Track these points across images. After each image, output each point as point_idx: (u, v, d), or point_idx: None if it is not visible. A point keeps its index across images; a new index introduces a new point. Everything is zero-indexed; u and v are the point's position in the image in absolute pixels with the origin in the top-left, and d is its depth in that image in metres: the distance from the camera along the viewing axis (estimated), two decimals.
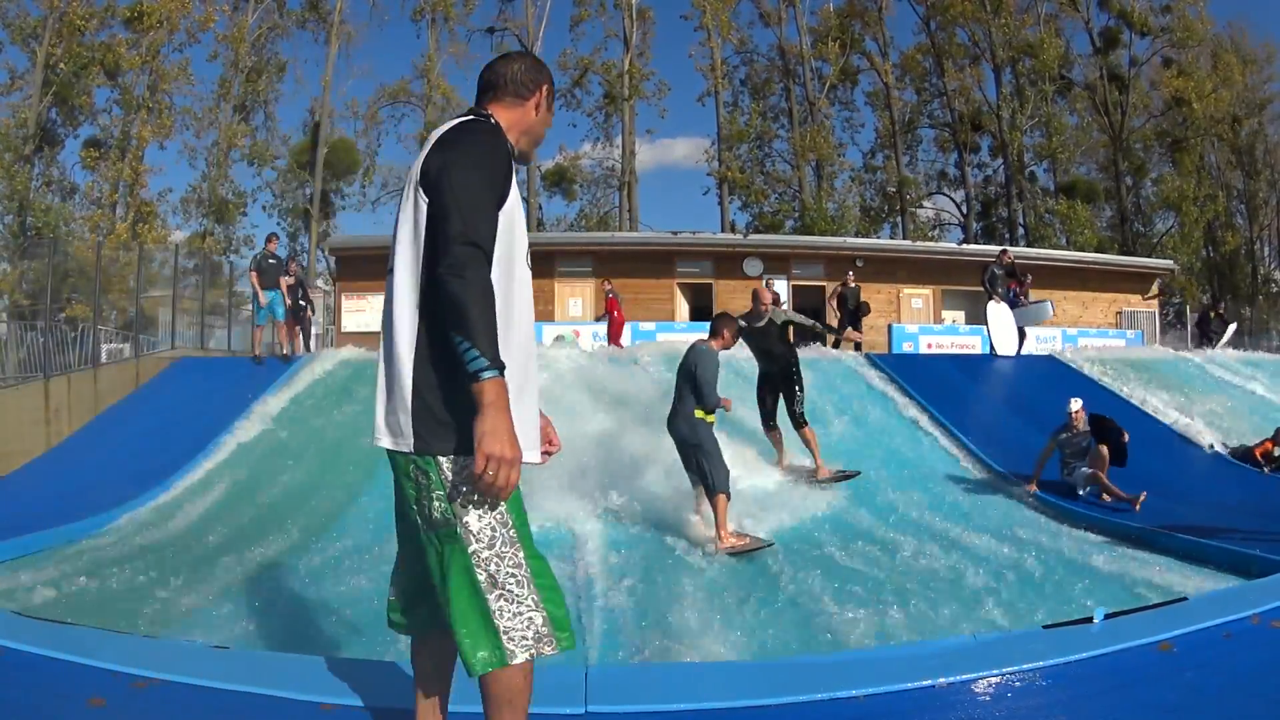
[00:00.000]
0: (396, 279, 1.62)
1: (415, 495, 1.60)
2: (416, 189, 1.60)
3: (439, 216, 1.53)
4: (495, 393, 1.46)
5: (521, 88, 1.81)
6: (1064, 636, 2.57)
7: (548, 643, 1.55)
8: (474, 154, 1.59)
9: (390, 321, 1.62)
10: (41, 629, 2.80)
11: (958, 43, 31.90)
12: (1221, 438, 8.53)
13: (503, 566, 1.55)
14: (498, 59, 1.86)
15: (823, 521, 6.16)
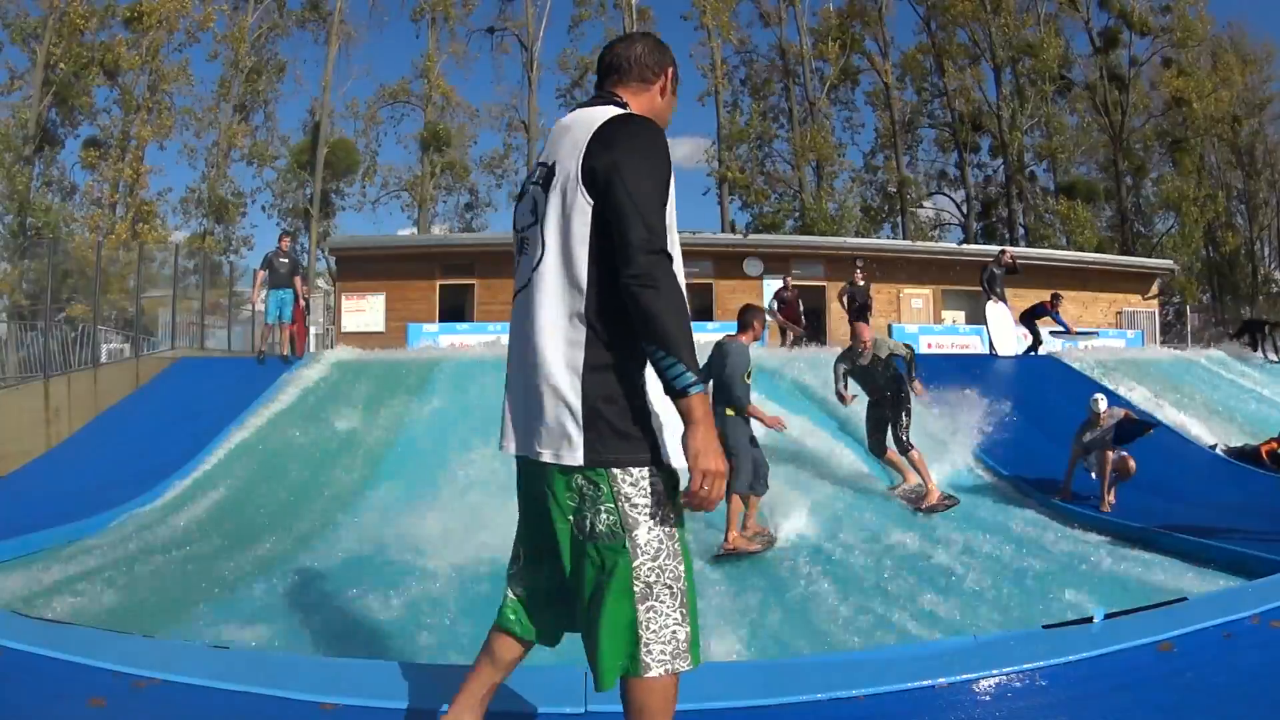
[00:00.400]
0: (548, 284, 1.55)
1: (576, 506, 1.54)
2: (578, 189, 1.52)
3: (618, 221, 1.47)
4: (703, 408, 1.44)
5: (647, 70, 1.74)
6: (1064, 636, 2.57)
7: (684, 659, 1.54)
8: (644, 152, 1.52)
9: (544, 328, 1.54)
10: (41, 629, 2.80)
11: (958, 43, 31.90)
12: (1222, 437, 8.54)
13: (661, 579, 1.52)
14: (618, 41, 1.79)
15: (822, 522, 6.16)
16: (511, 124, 31.58)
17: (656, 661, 1.51)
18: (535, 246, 1.59)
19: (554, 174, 1.58)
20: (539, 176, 1.64)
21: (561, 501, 1.56)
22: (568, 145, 1.58)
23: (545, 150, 1.67)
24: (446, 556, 5.26)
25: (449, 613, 4.15)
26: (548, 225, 1.57)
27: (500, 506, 6.60)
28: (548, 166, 1.61)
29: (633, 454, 1.51)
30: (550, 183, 1.58)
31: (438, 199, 31.57)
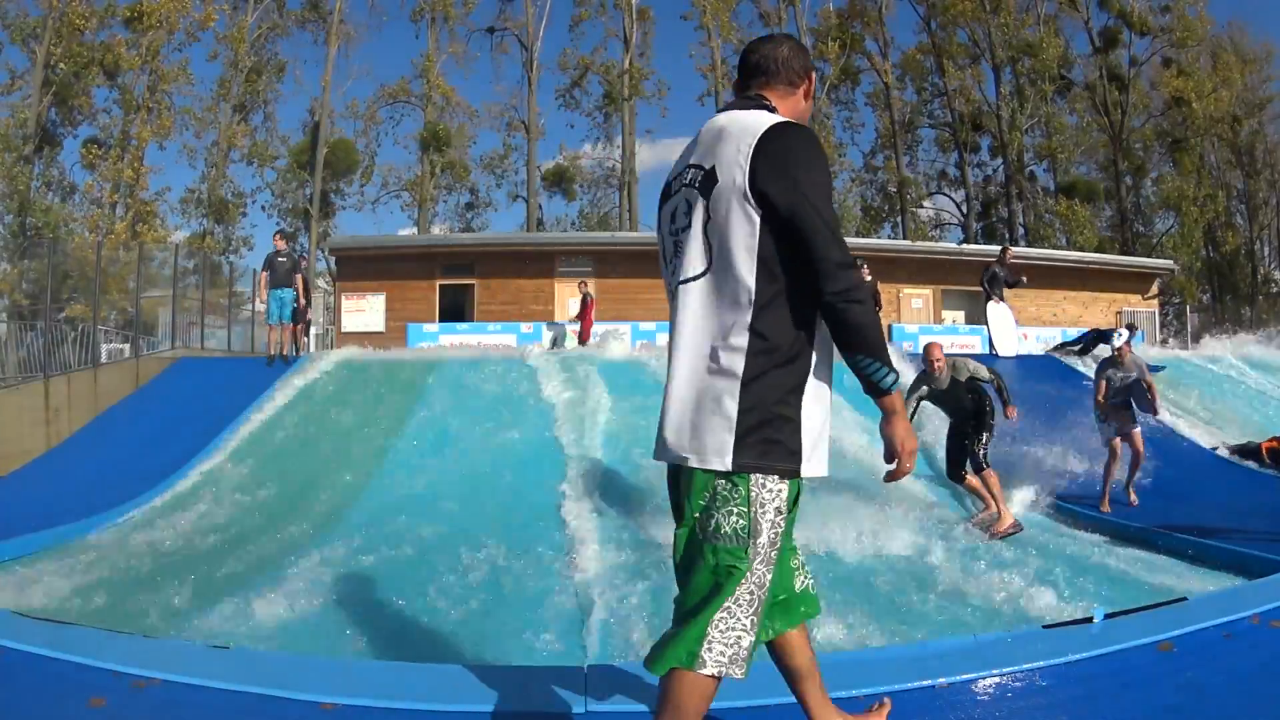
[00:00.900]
0: (710, 292, 1.57)
1: (705, 506, 1.56)
2: (745, 200, 1.53)
3: (810, 240, 1.50)
4: (901, 402, 1.62)
5: (793, 74, 1.75)
6: (1064, 636, 2.57)
7: (739, 666, 1.55)
8: (818, 167, 1.55)
9: (706, 334, 1.57)
10: (41, 629, 2.80)
11: (958, 42, 31.91)
12: (1223, 437, 8.54)
13: (749, 582, 1.55)
14: (762, 41, 1.79)
15: (822, 521, 6.15)
16: (511, 124, 31.60)
17: (714, 662, 1.53)
18: (692, 252, 1.60)
19: (713, 179, 1.57)
20: (693, 179, 1.62)
21: (694, 501, 1.57)
22: (727, 151, 1.57)
23: (696, 151, 1.66)
24: (446, 556, 5.26)
25: (449, 612, 4.15)
26: (714, 233, 1.57)
27: (501, 508, 6.63)
28: (704, 170, 1.60)
29: (776, 462, 1.55)
30: (709, 188, 1.58)
31: (438, 199, 31.60)
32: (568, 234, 28.35)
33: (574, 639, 3.82)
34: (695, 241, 1.60)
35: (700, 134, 1.69)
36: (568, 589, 4.60)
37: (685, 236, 1.62)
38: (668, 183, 1.75)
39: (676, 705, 1.54)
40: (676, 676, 1.54)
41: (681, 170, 1.68)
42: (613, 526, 6.02)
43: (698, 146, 1.67)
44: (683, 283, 1.61)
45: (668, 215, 1.71)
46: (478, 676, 2.55)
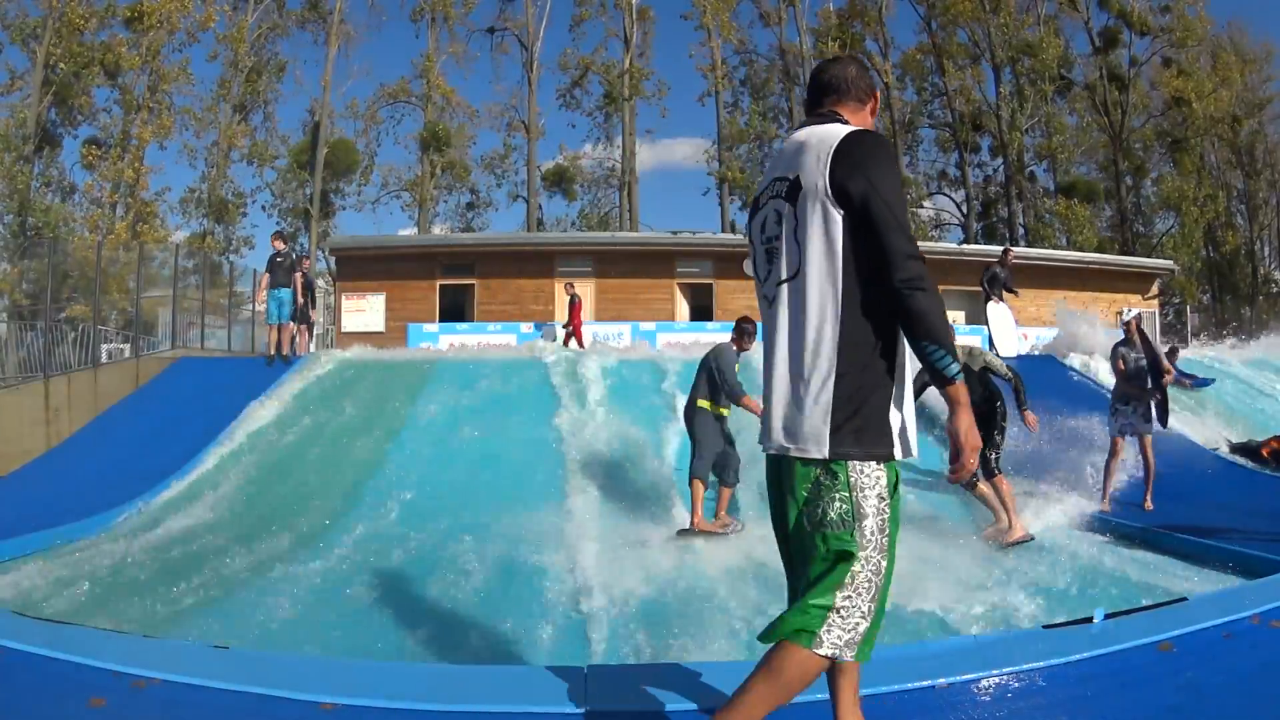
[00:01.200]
0: (807, 291, 1.67)
1: (808, 497, 1.66)
2: (830, 201, 1.65)
3: (880, 232, 1.62)
4: (966, 393, 1.65)
5: (862, 92, 1.89)
6: (1064, 636, 2.57)
7: (852, 650, 1.64)
8: (889, 166, 1.68)
9: (800, 331, 1.68)
10: (41, 629, 2.80)
11: (958, 42, 31.91)
12: (1226, 434, 8.56)
13: (866, 569, 1.63)
14: (831, 62, 1.94)
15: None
16: (511, 124, 31.60)
17: (830, 644, 1.62)
18: (788, 255, 1.73)
19: (799, 188, 1.70)
20: (781, 190, 1.75)
21: (797, 493, 1.68)
22: (810, 160, 1.70)
23: (781, 164, 1.80)
24: (446, 556, 5.27)
25: (449, 612, 4.15)
26: (803, 236, 1.69)
27: (502, 507, 6.63)
28: (790, 180, 1.73)
29: (872, 449, 1.65)
30: (797, 196, 1.71)
31: (438, 199, 31.59)
32: (568, 234, 28.36)
33: (574, 639, 3.82)
34: (789, 246, 1.72)
35: (782, 150, 1.83)
36: (568, 589, 4.60)
37: (778, 244, 1.75)
38: (755, 198, 1.88)
39: (776, 674, 1.64)
40: (785, 649, 1.64)
41: (767, 184, 1.82)
42: (613, 526, 6.02)
43: (780, 161, 1.81)
44: (778, 285, 1.74)
45: (758, 227, 1.84)
46: (478, 676, 2.56)
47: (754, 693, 1.66)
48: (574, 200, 33.20)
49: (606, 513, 6.37)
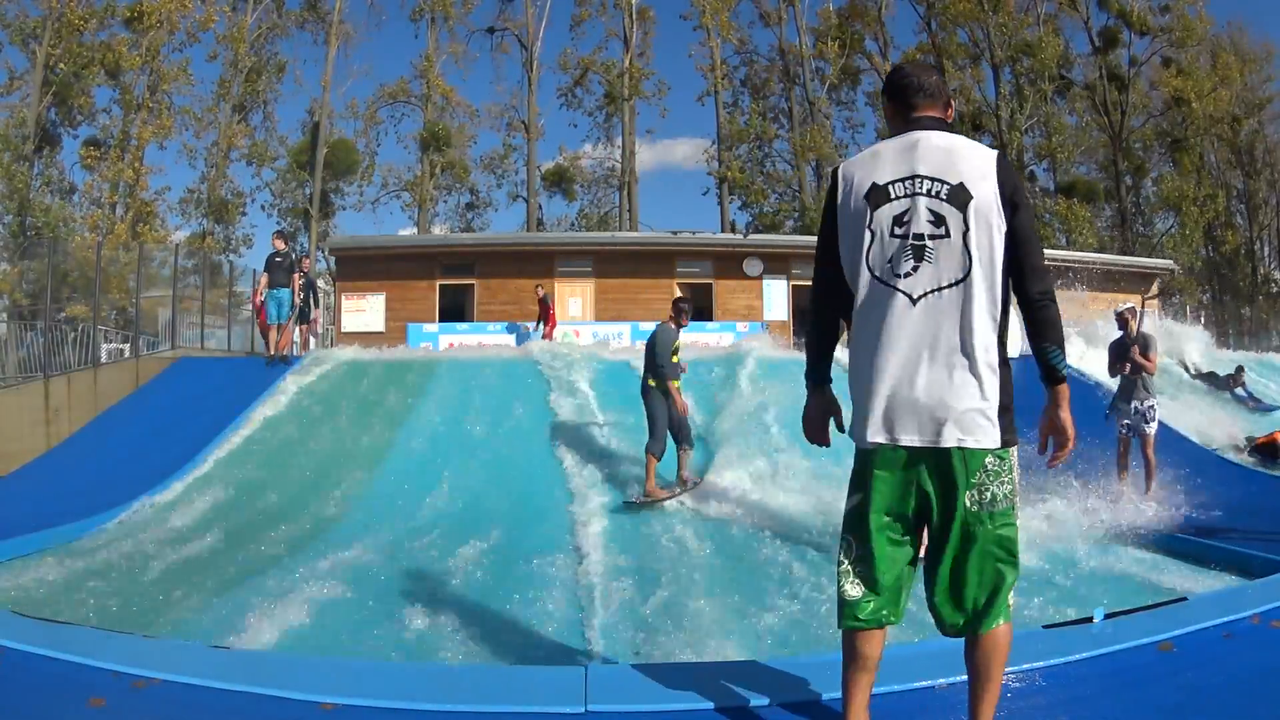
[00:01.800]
0: (974, 293, 1.78)
1: (979, 482, 1.80)
2: (996, 212, 1.79)
3: (1028, 247, 1.81)
4: (1068, 392, 1.87)
5: (947, 97, 2.00)
6: (1064, 636, 2.57)
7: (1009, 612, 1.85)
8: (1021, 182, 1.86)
9: (970, 332, 1.79)
10: (41, 629, 2.80)
11: (957, 42, 31.90)
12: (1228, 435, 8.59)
13: (1017, 540, 1.85)
14: (918, 67, 2.01)
15: (820, 521, 6.16)
16: (511, 124, 31.59)
17: (1009, 613, 1.85)
18: (951, 257, 1.80)
19: (969, 195, 1.80)
20: (938, 191, 1.81)
21: (960, 479, 1.80)
22: (970, 169, 1.81)
23: (921, 162, 1.84)
24: (446, 556, 5.27)
25: (449, 612, 4.15)
26: (972, 242, 1.79)
27: (502, 507, 6.63)
28: (950, 185, 1.81)
29: (1016, 436, 1.86)
30: (966, 204, 1.80)
31: (438, 199, 31.58)
32: (568, 234, 28.35)
33: (574, 639, 3.82)
34: (952, 248, 1.80)
35: (916, 148, 1.86)
36: (568, 589, 4.60)
37: (938, 244, 1.81)
38: (878, 185, 1.86)
39: (1004, 652, 1.84)
40: (1000, 632, 1.82)
41: (905, 177, 1.84)
42: (614, 525, 6.02)
43: (919, 159, 1.84)
44: (939, 289, 1.80)
45: (889, 219, 1.85)
46: (478, 676, 2.56)
47: (998, 679, 1.85)
48: (574, 200, 33.23)
49: (608, 512, 6.37)
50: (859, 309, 1.87)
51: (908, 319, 1.81)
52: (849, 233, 1.89)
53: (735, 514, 6.32)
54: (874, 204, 1.86)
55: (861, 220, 1.86)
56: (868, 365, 1.84)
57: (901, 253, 1.82)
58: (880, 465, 1.84)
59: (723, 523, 6.18)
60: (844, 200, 1.90)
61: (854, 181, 1.89)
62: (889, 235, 1.84)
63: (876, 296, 1.84)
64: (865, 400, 1.84)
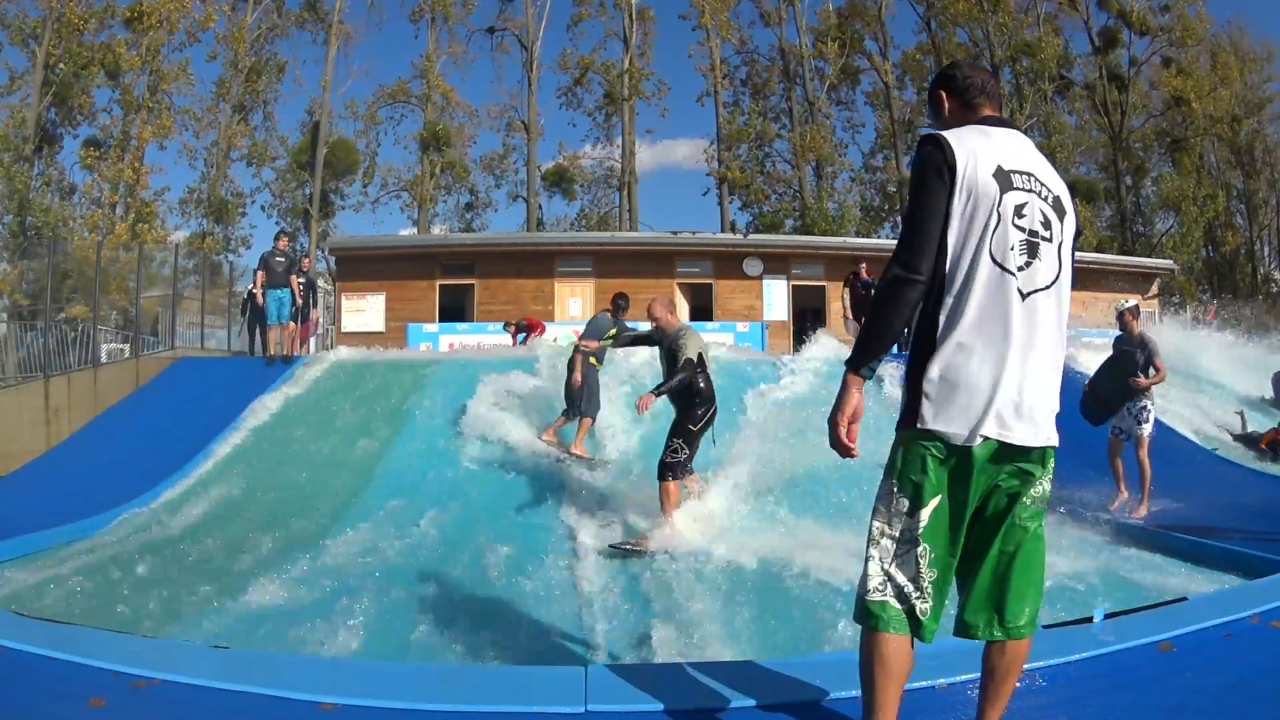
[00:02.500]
0: (1061, 296, 1.81)
1: (1035, 479, 1.79)
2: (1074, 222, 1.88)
3: (1072, 258, 1.86)
4: None
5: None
6: (1064, 636, 2.57)
7: None
8: None
9: (1059, 333, 1.81)
10: (41, 629, 2.80)
11: (957, 42, 31.88)
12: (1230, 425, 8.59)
13: None
14: (976, 67, 2.02)
15: (820, 522, 6.15)
16: (511, 124, 31.59)
17: None
18: (1051, 259, 1.80)
19: (1064, 207, 1.84)
20: (1045, 195, 1.81)
21: (1029, 478, 1.79)
22: (1058, 182, 1.85)
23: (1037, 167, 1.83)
24: (446, 556, 5.27)
25: (449, 613, 4.15)
26: (1064, 250, 1.82)
27: (502, 508, 6.62)
28: (1054, 194, 1.82)
29: None
30: (1064, 212, 1.84)
31: (437, 199, 31.58)
32: (568, 234, 28.34)
33: (574, 639, 3.82)
34: (1051, 253, 1.79)
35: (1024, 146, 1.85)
36: (568, 589, 4.60)
37: (1046, 246, 1.79)
38: (1003, 169, 1.77)
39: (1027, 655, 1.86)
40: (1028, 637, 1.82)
41: (1024, 170, 1.80)
42: (613, 525, 6.02)
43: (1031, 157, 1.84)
44: (1042, 289, 1.78)
45: (1012, 209, 1.76)
46: (478, 676, 2.56)
47: (1015, 682, 1.88)
48: (574, 200, 33.23)
49: (607, 512, 6.37)
50: (966, 295, 1.71)
51: (1019, 312, 1.73)
52: (969, 210, 1.73)
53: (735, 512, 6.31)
54: (1002, 187, 1.75)
55: (989, 200, 1.73)
56: (972, 355, 1.71)
57: (1020, 246, 1.75)
58: (962, 462, 1.73)
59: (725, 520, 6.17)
60: (968, 175, 1.72)
61: (978, 158, 1.74)
62: (1012, 224, 1.74)
63: (993, 284, 1.72)
64: (964, 391, 1.71)
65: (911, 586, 1.75)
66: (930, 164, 1.75)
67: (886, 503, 1.79)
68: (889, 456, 1.83)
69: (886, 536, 1.77)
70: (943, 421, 1.71)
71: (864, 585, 1.78)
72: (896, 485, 1.77)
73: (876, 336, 1.78)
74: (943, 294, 1.74)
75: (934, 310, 1.75)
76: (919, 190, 1.77)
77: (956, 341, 1.72)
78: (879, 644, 1.75)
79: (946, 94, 1.97)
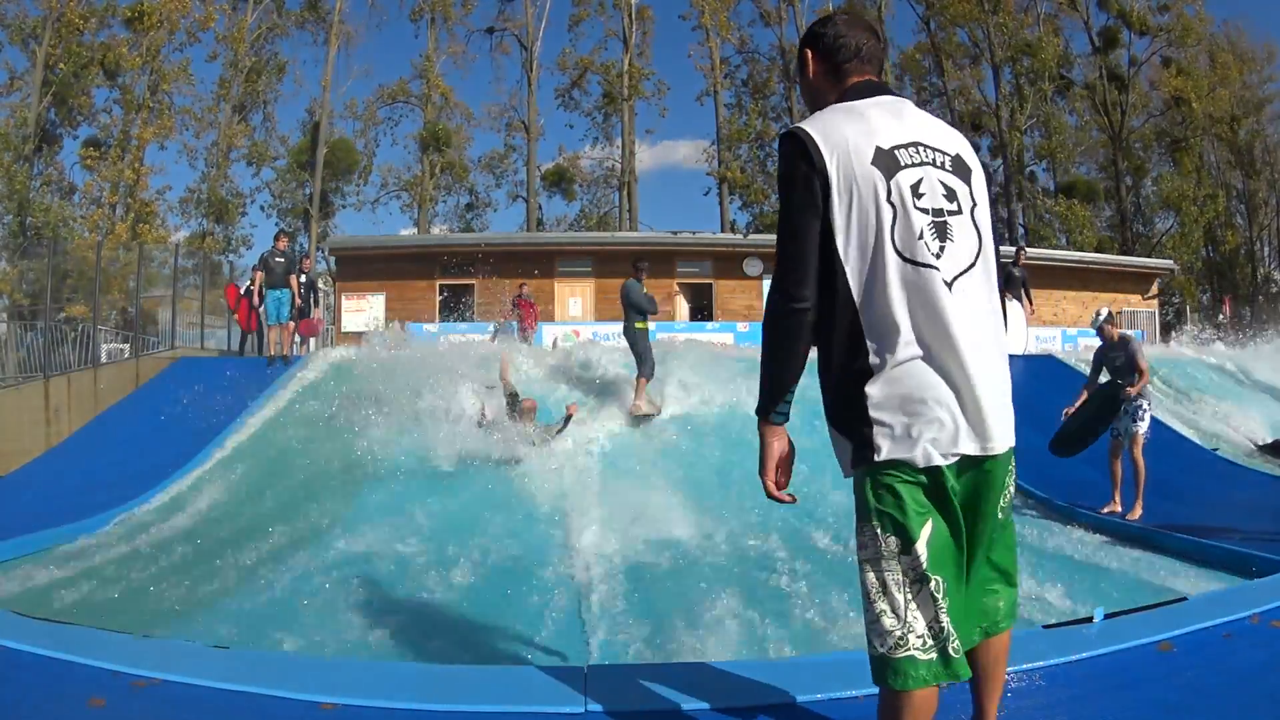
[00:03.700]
0: (988, 274, 1.60)
1: (1005, 485, 1.62)
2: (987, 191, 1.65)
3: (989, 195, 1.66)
4: None
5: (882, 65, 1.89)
6: (1064, 636, 2.57)
7: None
8: None
9: (995, 319, 1.59)
10: (41, 629, 2.80)
11: (957, 42, 31.91)
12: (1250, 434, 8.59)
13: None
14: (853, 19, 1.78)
15: (823, 520, 6.16)
16: (511, 124, 31.59)
17: None
18: (967, 232, 1.57)
19: (968, 168, 1.62)
20: (941, 161, 1.58)
21: (1006, 483, 1.62)
22: (956, 142, 1.63)
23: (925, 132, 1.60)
24: (446, 556, 5.27)
25: (449, 612, 4.15)
26: (980, 220, 1.60)
27: (502, 507, 6.62)
28: (948, 155, 1.60)
29: None
30: (970, 177, 1.61)
31: (437, 199, 31.58)
32: (568, 234, 28.35)
33: (574, 639, 3.82)
34: (965, 226, 1.57)
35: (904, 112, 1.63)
36: (568, 589, 4.60)
37: (956, 220, 1.56)
38: (882, 149, 1.55)
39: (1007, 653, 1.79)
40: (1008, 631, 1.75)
41: (908, 143, 1.57)
42: (613, 524, 6.02)
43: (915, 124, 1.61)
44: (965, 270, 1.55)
45: (907, 186, 1.53)
46: (478, 676, 2.56)
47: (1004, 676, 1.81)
48: (573, 200, 33.24)
49: (607, 513, 6.37)
50: (884, 303, 1.50)
51: (951, 305, 1.50)
52: (856, 207, 1.51)
53: (735, 513, 6.32)
54: (887, 171, 1.53)
55: (875, 192, 1.52)
56: (914, 366, 1.50)
57: (927, 229, 1.52)
58: (935, 480, 1.51)
59: (724, 521, 6.18)
60: (842, 171, 1.52)
61: (848, 146, 1.53)
62: (913, 208, 1.52)
63: (910, 283, 1.50)
64: (916, 408, 1.49)
65: (935, 628, 1.53)
66: (795, 172, 1.55)
67: (874, 548, 1.53)
68: (855, 499, 1.59)
69: (891, 584, 1.52)
70: (903, 448, 1.49)
71: (883, 643, 1.54)
72: (879, 526, 1.52)
73: (778, 374, 1.61)
74: (856, 311, 1.52)
75: (853, 329, 1.53)
76: (785, 203, 1.57)
77: (892, 358, 1.50)
78: (909, 703, 1.55)
79: (813, 54, 1.73)
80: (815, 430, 1.99)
